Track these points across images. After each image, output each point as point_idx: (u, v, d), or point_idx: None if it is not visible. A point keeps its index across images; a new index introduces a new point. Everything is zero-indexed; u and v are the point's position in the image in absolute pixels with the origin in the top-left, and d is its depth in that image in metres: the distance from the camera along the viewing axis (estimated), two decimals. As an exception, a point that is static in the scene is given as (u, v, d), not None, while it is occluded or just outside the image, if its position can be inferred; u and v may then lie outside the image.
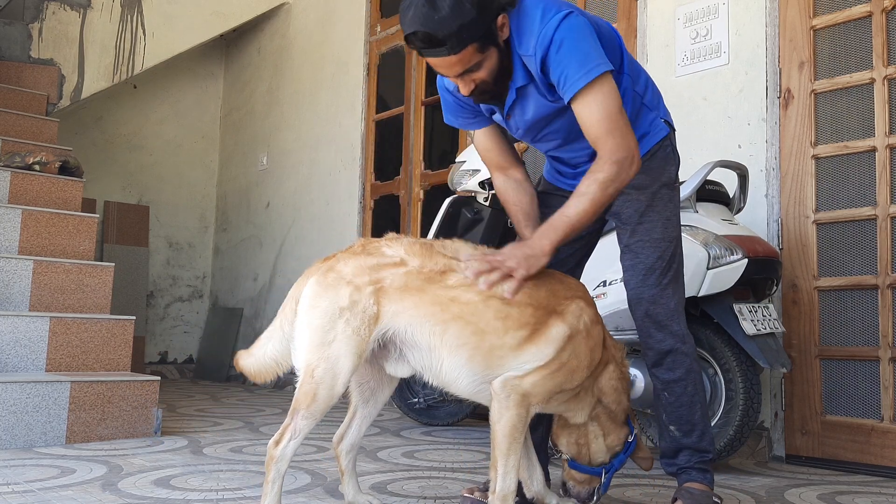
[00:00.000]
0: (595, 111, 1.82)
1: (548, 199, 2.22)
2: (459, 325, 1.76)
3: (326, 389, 1.75)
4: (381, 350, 1.84)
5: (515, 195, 2.11)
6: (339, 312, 1.76)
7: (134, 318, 3.71)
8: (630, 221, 2.07)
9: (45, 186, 4.30)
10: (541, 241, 1.83)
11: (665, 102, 2.21)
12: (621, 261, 2.12)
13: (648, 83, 2.12)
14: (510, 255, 1.80)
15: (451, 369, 1.79)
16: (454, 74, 1.85)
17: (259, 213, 6.51)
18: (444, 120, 2.17)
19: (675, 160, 2.12)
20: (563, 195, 2.18)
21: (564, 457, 2.01)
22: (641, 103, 2.07)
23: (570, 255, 2.17)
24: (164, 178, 6.90)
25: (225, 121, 7.18)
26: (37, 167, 4.33)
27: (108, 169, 6.57)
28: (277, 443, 1.78)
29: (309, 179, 5.92)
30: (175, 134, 6.99)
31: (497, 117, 2.07)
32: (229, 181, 7.02)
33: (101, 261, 5.55)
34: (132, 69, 5.80)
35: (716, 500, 2.05)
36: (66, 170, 4.45)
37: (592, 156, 2.04)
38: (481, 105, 2.05)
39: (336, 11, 5.82)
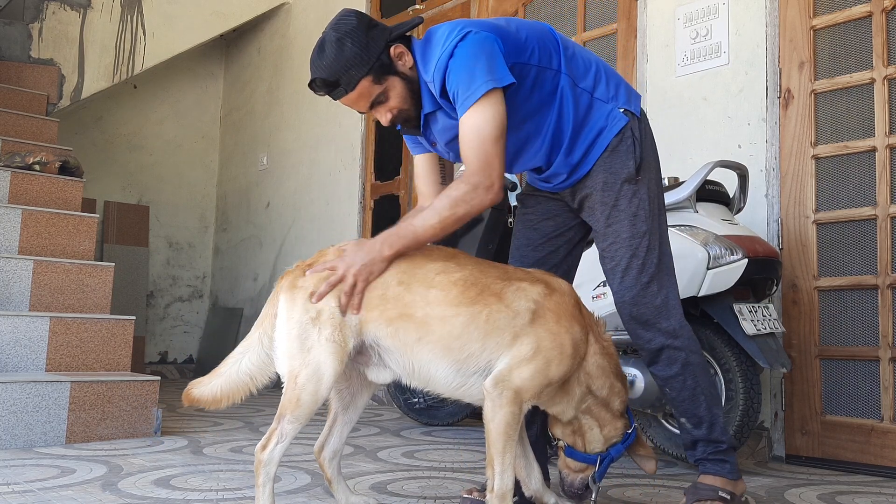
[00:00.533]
0: (468, 132, 1.84)
1: (526, 200, 2.25)
2: (405, 321, 1.79)
3: (310, 394, 1.77)
4: (360, 356, 1.85)
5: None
6: (310, 322, 1.79)
7: (134, 318, 3.72)
8: (599, 226, 2.07)
9: (45, 186, 4.30)
10: (382, 245, 1.83)
11: (665, 102, 2.21)
12: (601, 267, 2.11)
13: (600, 76, 2.07)
14: (349, 262, 1.80)
15: (420, 365, 1.80)
16: (365, 109, 1.94)
17: (259, 213, 6.51)
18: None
19: (635, 153, 2.03)
20: (541, 195, 2.21)
21: (561, 444, 2.00)
22: (592, 98, 2.03)
23: (552, 253, 2.18)
24: (164, 178, 6.90)
25: (225, 121, 7.18)
26: (37, 167, 4.33)
27: (108, 169, 6.57)
28: (264, 447, 1.80)
29: (309, 179, 5.92)
30: (175, 134, 6.99)
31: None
32: (229, 181, 7.02)
33: (101, 261, 5.55)
34: (132, 69, 5.79)
35: (722, 494, 2.02)
36: (66, 170, 4.45)
37: (548, 158, 2.06)
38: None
39: (336, 11, 5.80)
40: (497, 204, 3.46)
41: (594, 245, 2.31)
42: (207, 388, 1.90)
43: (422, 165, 2.17)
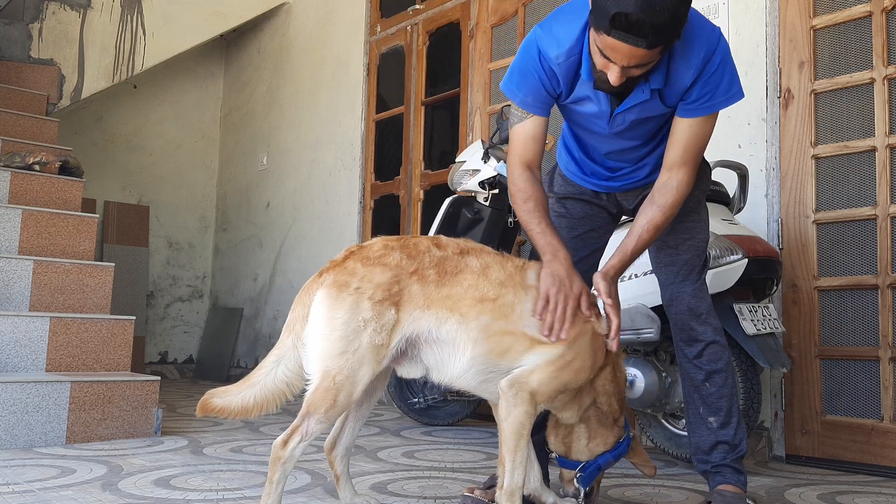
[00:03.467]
0: (699, 137, 1.91)
1: (567, 203, 2.23)
2: (488, 317, 1.79)
3: (346, 395, 1.74)
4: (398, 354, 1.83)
5: (540, 192, 2.00)
6: (362, 324, 1.74)
7: (134, 318, 3.71)
8: (673, 220, 2.08)
9: (45, 186, 4.30)
10: (612, 272, 1.94)
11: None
12: (657, 257, 2.17)
13: None
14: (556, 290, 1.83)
15: (467, 361, 1.79)
16: (625, 65, 1.71)
17: (259, 213, 6.51)
18: (503, 84, 2.00)
19: (708, 168, 2.22)
20: (583, 197, 2.20)
21: (552, 455, 2.03)
22: None
23: (594, 264, 2.21)
24: (164, 178, 6.90)
25: (225, 121, 7.18)
26: (37, 167, 4.33)
27: (108, 169, 6.57)
28: (285, 443, 1.76)
29: (309, 179, 5.92)
30: (175, 134, 6.99)
31: (591, 108, 1.95)
32: (229, 181, 7.02)
33: (101, 261, 5.55)
34: (132, 69, 5.79)
35: (749, 502, 2.06)
36: (66, 170, 4.45)
37: (636, 162, 2.08)
38: (588, 92, 1.92)
39: (336, 11, 5.82)
40: (497, 204, 3.48)
41: None
42: (237, 398, 1.84)
43: (538, 129, 1.98)
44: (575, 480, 1.99)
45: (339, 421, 2.03)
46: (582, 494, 1.99)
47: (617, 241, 2.43)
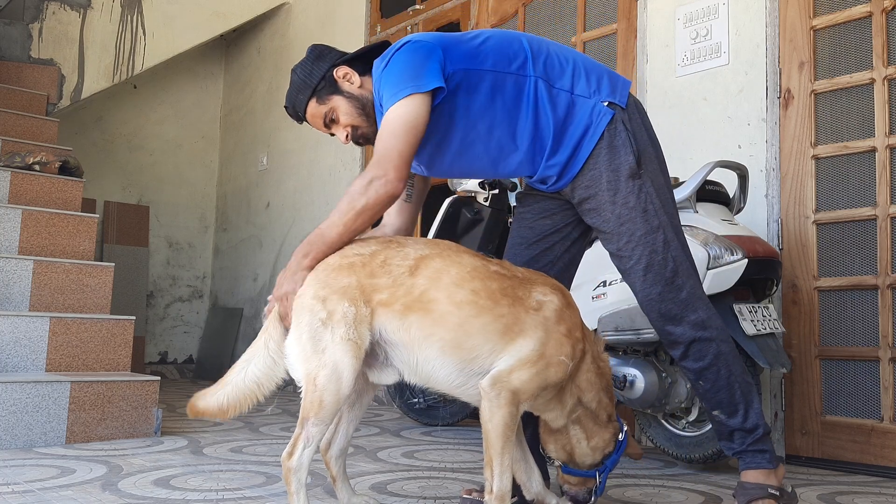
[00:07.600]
0: (382, 129, 1.91)
1: (524, 199, 2.24)
2: (420, 315, 1.77)
3: (332, 394, 1.75)
4: (367, 357, 1.83)
5: (394, 215, 2.28)
6: (321, 323, 1.77)
7: (134, 318, 3.71)
8: (608, 227, 2.03)
9: (45, 186, 4.30)
10: (300, 259, 1.90)
11: (665, 102, 2.20)
12: (618, 269, 2.09)
13: (578, 72, 2.03)
14: (279, 289, 1.89)
15: (425, 362, 1.78)
16: (323, 129, 2.08)
17: (259, 213, 6.51)
18: None
19: (632, 146, 1.99)
20: (539, 193, 2.19)
21: (557, 463, 2.01)
22: (572, 96, 2.00)
23: (546, 251, 2.16)
24: (164, 178, 6.90)
25: (225, 121, 7.18)
26: (37, 167, 4.33)
27: (108, 169, 6.57)
28: (291, 454, 1.77)
29: (309, 179, 5.92)
30: (175, 134, 6.99)
31: None
32: (229, 181, 7.02)
33: (101, 261, 5.55)
34: (132, 69, 5.80)
35: (772, 491, 2.01)
36: (66, 170, 4.45)
37: (532, 163, 2.05)
38: None
39: (336, 11, 5.82)
40: (497, 204, 3.49)
41: (593, 245, 2.29)
42: (213, 398, 1.88)
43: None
44: (594, 491, 1.98)
45: (332, 422, 2.02)
46: (595, 497, 1.99)
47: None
